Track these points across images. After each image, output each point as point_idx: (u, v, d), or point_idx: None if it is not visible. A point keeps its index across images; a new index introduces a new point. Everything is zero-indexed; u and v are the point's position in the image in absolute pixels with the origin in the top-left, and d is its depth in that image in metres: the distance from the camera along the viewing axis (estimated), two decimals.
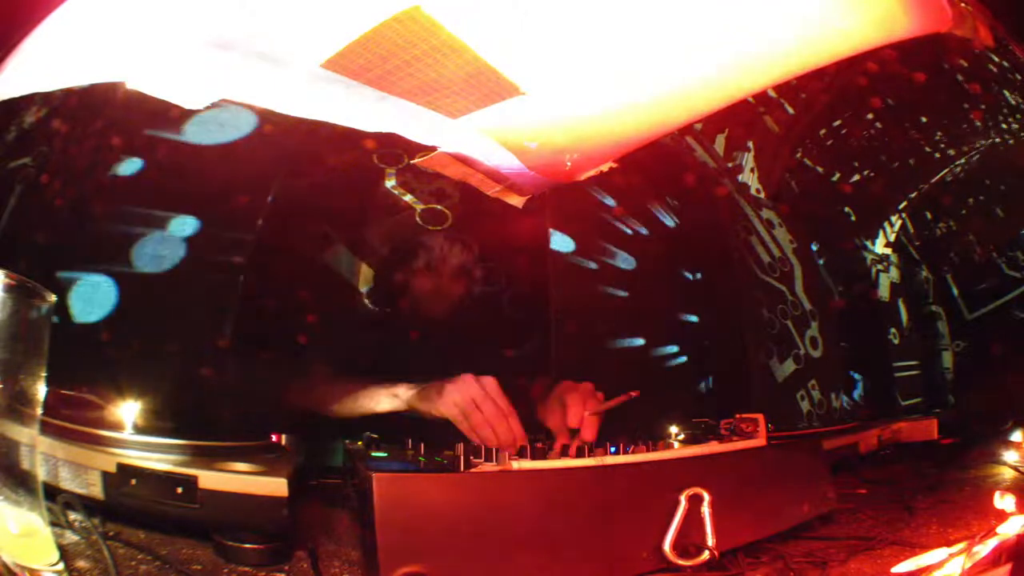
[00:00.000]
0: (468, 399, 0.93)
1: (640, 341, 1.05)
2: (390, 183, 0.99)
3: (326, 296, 1.04)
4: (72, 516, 0.91)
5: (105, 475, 0.92)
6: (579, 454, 0.92)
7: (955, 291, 1.16)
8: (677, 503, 0.90)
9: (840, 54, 1.02)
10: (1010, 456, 1.12)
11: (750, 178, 1.09)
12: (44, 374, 0.87)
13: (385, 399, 0.97)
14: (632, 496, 0.92)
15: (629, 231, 1.05)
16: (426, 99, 0.92)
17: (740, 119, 1.06)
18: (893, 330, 1.14)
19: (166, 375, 1.01)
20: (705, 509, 0.90)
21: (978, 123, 1.19)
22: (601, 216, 1.03)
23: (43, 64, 1.09)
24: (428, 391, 0.95)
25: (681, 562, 0.89)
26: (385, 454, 0.94)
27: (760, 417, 0.99)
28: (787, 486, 1.02)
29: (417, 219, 1.00)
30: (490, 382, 0.94)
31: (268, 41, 0.97)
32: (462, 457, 0.89)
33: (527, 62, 0.93)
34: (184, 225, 1.04)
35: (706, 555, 0.89)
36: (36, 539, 0.85)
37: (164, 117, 0.99)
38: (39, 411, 0.87)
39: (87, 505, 0.92)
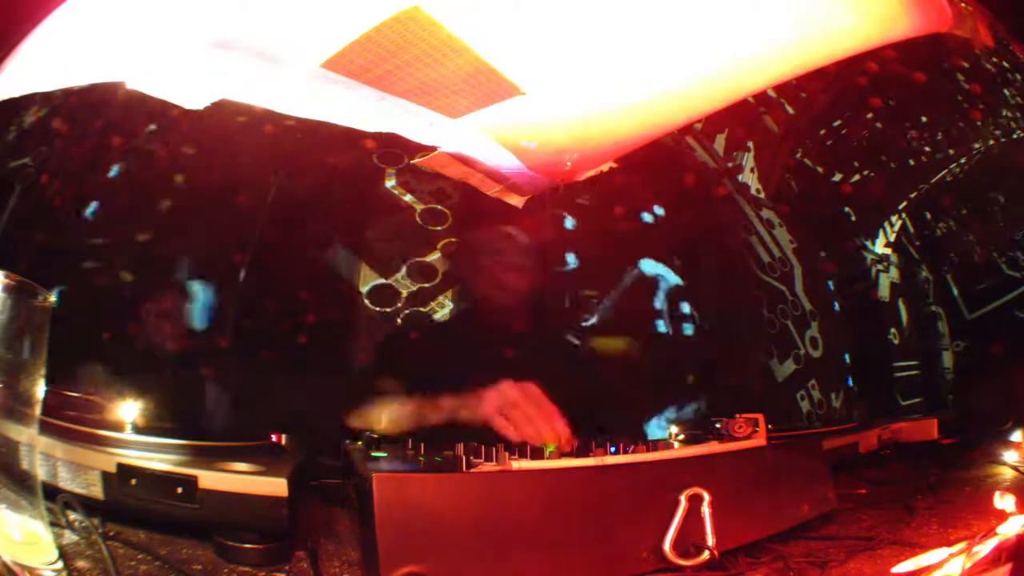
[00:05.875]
0: (510, 403, 0.93)
1: (639, 342, 1.05)
2: (390, 183, 0.99)
3: (329, 296, 1.04)
4: (72, 516, 0.91)
5: (105, 475, 0.92)
6: (579, 454, 0.92)
7: (955, 291, 1.16)
8: (677, 503, 0.90)
9: (840, 54, 1.02)
10: (1010, 456, 1.12)
11: (750, 178, 1.09)
12: (44, 374, 0.87)
13: (430, 412, 0.97)
14: (632, 496, 0.92)
15: (628, 231, 1.05)
16: (426, 99, 0.92)
17: (740, 119, 1.06)
18: (893, 330, 1.14)
19: (166, 375, 1.01)
20: (705, 509, 0.90)
21: (978, 123, 1.19)
22: (600, 216, 1.03)
23: (43, 64, 1.09)
24: (468, 400, 0.95)
25: (681, 562, 0.89)
26: (385, 454, 0.94)
27: (760, 417, 0.99)
28: (787, 486, 1.02)
29: (417, 219, 1.00)
30: (530, 386, 0.94)
31: (268, 41, 0.97)
32: (462, 457, 0.89)
33: (527, 62, 0.93)
34: (183, 224, 1.04)
35: (706, 555, 0.89)
36: (36, 539, 0.85)
37: (164, 117, 0.99)
38: (39, 411, 0.87)
39: (87, 505, 0.92)
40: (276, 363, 1.02)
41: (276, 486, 0.91)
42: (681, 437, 0.99)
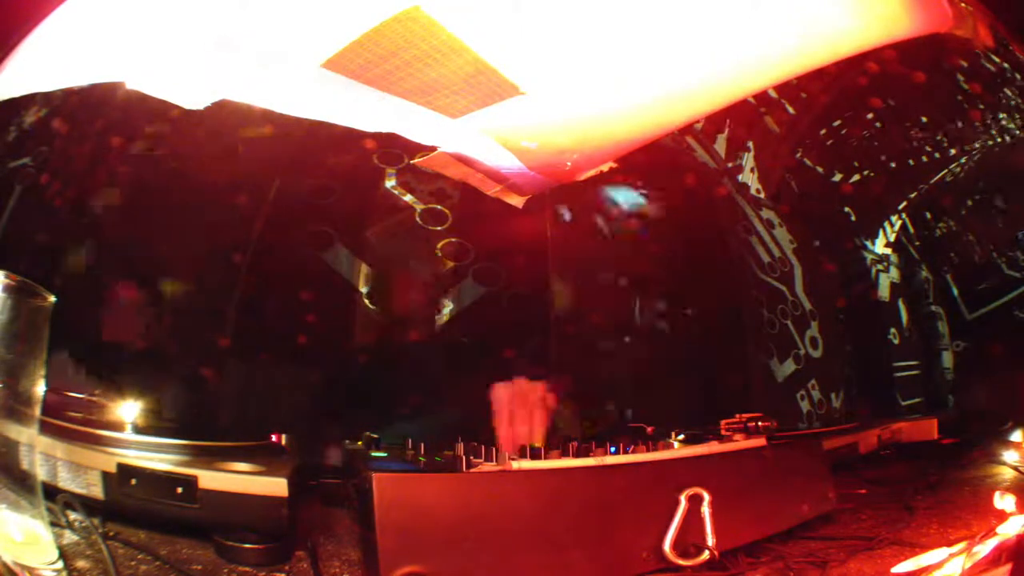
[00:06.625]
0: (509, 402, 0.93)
1: (639, 342, 1.05)
2: (390, 183, 0.99)
3: (326, 296, 1.04)
4: (72, 516, 0.91)
5: (105, 475, 0.92)
6: (579, 454, 0.92)
7: (955, 291, 1.16)
8: (677, 503, 0.90)
9: (841, 54, 1.02)
10: (1010, 456, 1.12)
11: (750, 178, 1.09)
12: (44, 374, 0.87)
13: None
14: (632, 496, 0.92)
15: (628, 231, 1.05)
16: (426, 99, 0.92)
17: (740, 119, 1.06)
18: (893, 330, 1.14)
19: (166, 375, 1.01)
20: (705, 509, 0.90)
21: (978, 123, 1.19)
22: (601, 217, 1.03)
23: (43, 64, 1.10)
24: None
25: (681, 562, 0.89)
26: (385, 454, 0.94)
27: (760, 416, 0.99)
28: (787, 486, 1.02)
29: (417, 219, 1.00)
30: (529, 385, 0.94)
31: (268, 41, 0.97)
32: (462, 457, 0.89)
33: (527, 62, 0.93)
34: (183, 224, 1.04)
35: (706, 555, 0.89)
36: (36, 539, 0.85)
37: (164, 117, 0.99)
38: (39, 411, 0.87)
39: (87, 505, 0.92)
40: (276, 363, 1.02)
41: (276, 486, 0.91)
42: (681, 437, 0.99)
